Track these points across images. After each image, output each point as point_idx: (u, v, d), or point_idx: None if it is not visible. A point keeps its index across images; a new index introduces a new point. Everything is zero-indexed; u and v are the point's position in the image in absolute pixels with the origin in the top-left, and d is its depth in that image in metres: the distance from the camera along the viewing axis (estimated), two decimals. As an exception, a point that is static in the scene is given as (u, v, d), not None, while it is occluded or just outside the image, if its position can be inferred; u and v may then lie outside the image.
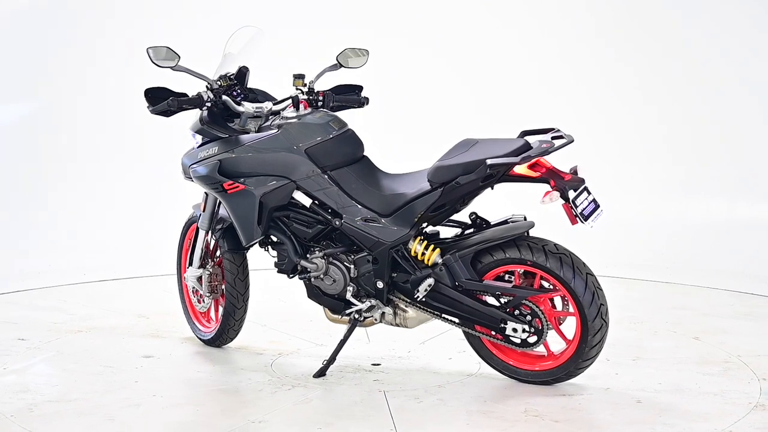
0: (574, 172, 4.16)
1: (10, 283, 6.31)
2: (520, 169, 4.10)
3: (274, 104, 4.60)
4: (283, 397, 4.25)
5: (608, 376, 4.51)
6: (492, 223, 4.40)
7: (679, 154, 7.75)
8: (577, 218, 4.07)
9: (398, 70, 7.99)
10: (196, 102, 4.39)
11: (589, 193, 4.14)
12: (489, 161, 4.06)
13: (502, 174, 4.15)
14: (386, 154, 5.03)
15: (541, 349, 4.38)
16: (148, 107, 4.37)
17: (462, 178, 4.13)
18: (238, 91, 4.63)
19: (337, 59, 4.76)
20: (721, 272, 6.67)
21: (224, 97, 4.48)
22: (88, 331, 5.32)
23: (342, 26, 7.99)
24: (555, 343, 4.38)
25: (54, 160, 7.68)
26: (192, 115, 4.66)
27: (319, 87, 4.73)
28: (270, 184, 4.46)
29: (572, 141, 4.12)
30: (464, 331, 4.42)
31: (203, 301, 5.00)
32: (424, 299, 4.33)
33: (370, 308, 4.47)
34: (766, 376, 4.49)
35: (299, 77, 4.64)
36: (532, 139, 4.21)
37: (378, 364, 4.72)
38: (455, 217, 4.49)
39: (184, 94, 4.42)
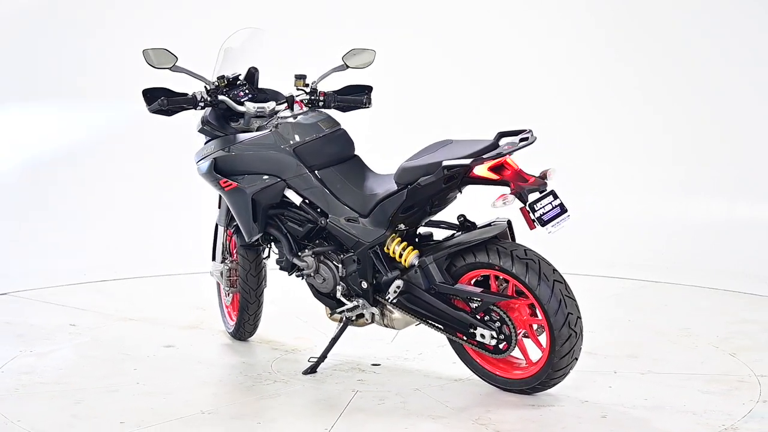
0: (543, 176, 4.03)
1: (100, 272, 6.66)
2: (480, 172, 4.01)
3: (277, 104, 4.68)
4: (256, 391, 4.34)
5: (599, 389, 4.34)
6: (478, 226, 4.32)
7: (679, 154, 7.64)
8: (534, 223, 3.94)
9: (403, 70, 8.06)
10: (190, 102, 4.52)
11: (555, 197, 4.00)
12: (445, 162, 4.00)
13: (463, 176, 4.07)
14: (387, 154, 5.00)
15: (521, 358, 4.27)
16: (146, 107, 4.55)
17: (422, 179, 4.08)
18: (246, 91, 4.73)
19: (343, 59, 4.78)
20: (720, 272, 6.45)
21: (221, 97, 4.59)
22: (138, 320, 5.56)
23: (351, 26, 8.13)
24: (535, 352, 4.25)
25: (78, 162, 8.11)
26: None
27: (328, 87, 4.77)
28: (260, 182, 4.55)
29: (532, 143, 4.00)
30: (447, 336, 4.36)
31: (230, 294, 5.15)
32: (396, 301, 4.30)
33: (355, 308, 4.48)
34: (769, 398, 4.21)
35: (300, 77, 4.71)
36: (506, 141, 4.11)
37: (378, 365, 4.72)
38: (449, 219, 4.44)
39: (184, 94, 4.56)
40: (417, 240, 4.47)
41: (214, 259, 5.13)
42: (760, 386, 4.35)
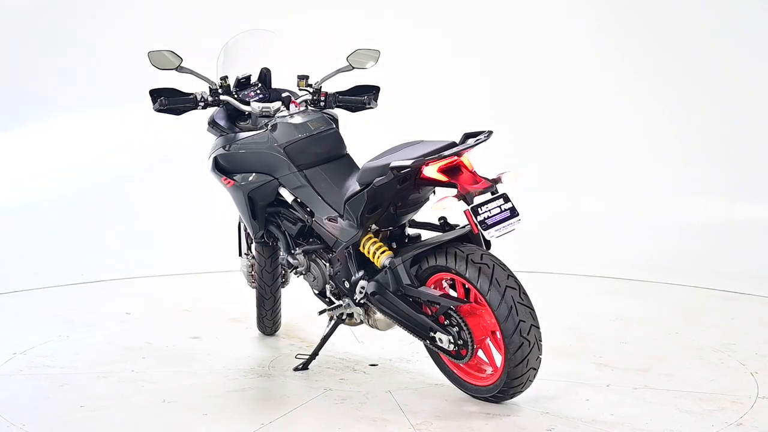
0: (496, 179, 3.93)
1: (188, 265, 6.93)
2: (430, 173, 3.95)
3: (282, 104, 4.75)
4: (231, 385, 4.42)
5: (574, 401, 4.19)
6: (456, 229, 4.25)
7: (688, 154, 7.65)
8: (477, 226, 3.84)
9: (408, 69, 8.12)
10: (191, 102, 4.65)
11: (506, 201, 3.90)
12: (392, 164, 3.97)
13: (415, 177, 4.01)
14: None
15: (489, 365, 4.18)
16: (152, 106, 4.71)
17: (377, 180, 4.06)
18: (258, 91, 4.83)
19: (347, 60, 4.80)
20: (722, 273, 6.37)
21: (224, 97, 4.70)
22: (191, 311, 5.75)
23: (356, 26, 8.18)
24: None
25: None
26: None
27: (337, 87, 4.81)
28: (254, 180, 4.65)
29: (482, 143, 3.92)
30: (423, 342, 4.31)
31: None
32: (363, 301, 4.30)
33: (338, 307, 4.50)
34: (745, 422, 3.91)
35: (303, 78, 4.77)
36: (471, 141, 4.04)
37: (375, 365, 4.71)
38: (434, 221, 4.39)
39: (189, 94, 4.69)
40: (407, 241, 4.44)
41: (240, 254, 5.26)
42: (750, 409, 4.07)
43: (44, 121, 8.39)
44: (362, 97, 4.75)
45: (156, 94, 4.64)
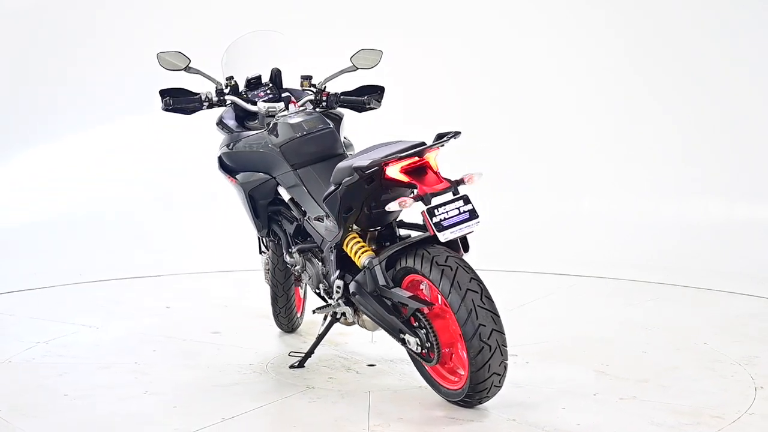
0: (458, 181, 3.89)
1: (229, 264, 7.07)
2: (393, 173, 3.93)
3: (286, 104, 4.80)
4: (221, 380, 4.49)
5: (548, 410, 4.09)
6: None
7: (688, 154, 7.57)
8: (432, 227, 3.80)
9: (412, 70, 8.11)
10: (196, 102, 4.73)
11: (466, 203, 3.84)
12: (354, 164, 3.96)
13: (381, 178, 4.00)
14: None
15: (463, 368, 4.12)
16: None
17: (345, 180, 4.06)
18: (268, 91, 4.90)
19: (351, 60, 4.81)
20: (722, 273, 6.27)
21: (229, 97, 4.77)
22: (229, 307, 5.86)
23: (361, 27, 8.19)
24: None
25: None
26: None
27: (339, 88, 4.83)
28: (253, 179, 4.71)
29: (435, 146, 3.88)
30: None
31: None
32: (344, 301, 4.31)
33: (328, 306, 4.51)
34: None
35: (306, 78, 4.80)
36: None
37: (373, 365, 4.71)
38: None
39: (195, 94, 4.77)
40: (398, 241, 4.41)
41: (260, 252, 5.33)
42: (730, 425, 3.90)
43: (48, 123, 8.67)
44: (363, 98, 4.75)
45: (165, 94, 4.75)
